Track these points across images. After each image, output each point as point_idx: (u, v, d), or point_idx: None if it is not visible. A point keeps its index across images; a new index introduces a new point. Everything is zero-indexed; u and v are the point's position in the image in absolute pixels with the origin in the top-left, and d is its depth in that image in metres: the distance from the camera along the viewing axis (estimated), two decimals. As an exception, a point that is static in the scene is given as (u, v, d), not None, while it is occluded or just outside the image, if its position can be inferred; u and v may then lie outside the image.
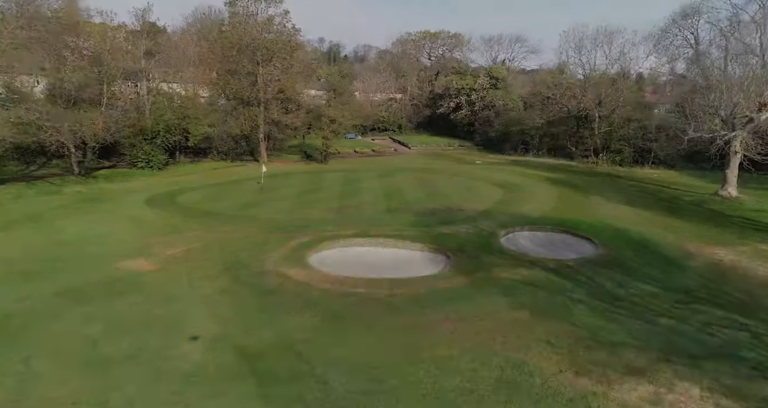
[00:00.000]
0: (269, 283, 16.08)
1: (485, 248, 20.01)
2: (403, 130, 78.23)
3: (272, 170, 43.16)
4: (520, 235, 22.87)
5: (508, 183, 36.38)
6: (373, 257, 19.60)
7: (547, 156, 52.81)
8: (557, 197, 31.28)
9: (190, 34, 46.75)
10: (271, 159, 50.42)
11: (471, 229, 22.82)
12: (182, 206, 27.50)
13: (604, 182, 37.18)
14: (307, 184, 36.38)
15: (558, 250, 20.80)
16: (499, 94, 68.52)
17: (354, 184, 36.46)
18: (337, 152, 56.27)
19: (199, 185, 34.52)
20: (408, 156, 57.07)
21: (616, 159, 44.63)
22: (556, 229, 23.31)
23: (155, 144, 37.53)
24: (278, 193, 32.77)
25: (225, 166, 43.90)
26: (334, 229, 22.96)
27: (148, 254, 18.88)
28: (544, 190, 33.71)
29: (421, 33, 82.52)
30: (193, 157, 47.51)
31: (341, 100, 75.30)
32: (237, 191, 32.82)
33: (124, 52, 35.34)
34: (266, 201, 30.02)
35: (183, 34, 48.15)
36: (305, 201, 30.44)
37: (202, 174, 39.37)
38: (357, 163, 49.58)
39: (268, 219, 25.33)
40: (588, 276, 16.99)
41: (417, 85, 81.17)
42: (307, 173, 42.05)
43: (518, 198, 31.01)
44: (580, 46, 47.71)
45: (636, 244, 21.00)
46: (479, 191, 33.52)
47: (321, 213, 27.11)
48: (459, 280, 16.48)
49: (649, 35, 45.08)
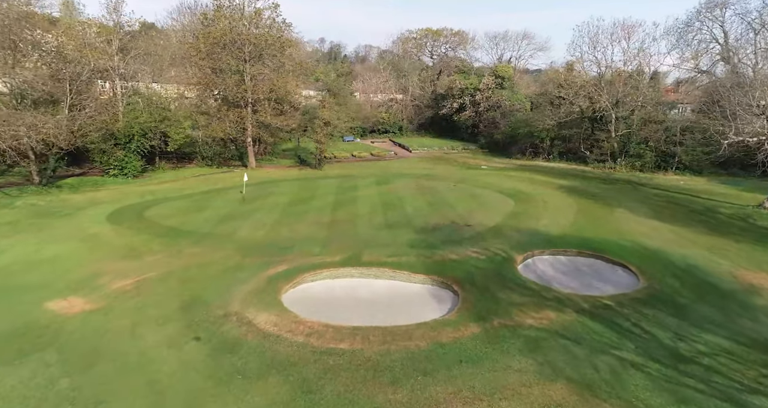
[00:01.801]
0: (229, 334, 12.62)
1: (500, 279, 16.52)
2: (404, 132, 74.82)
3: (261, 177, 39.82)
4: (540, 260, 19.36)
5: (519, 191, 32.88)
6: (364, 292, 16.14)
7: (558, 160, 49.26)
8: (576, 209, 27.74)
9: (174, 31, 43.33)
10: (261, 164, 47.07)
11: (481, 252, 19.34)
12: (150, 222, 24.08)
13: (626, 191, 33.60)
14: (297, 193, 32.94)
15: (588, 280, 17.31)
16: (505, 94, 65.07)
17: (349, 193, 33.03)
18: (333, 156, 52.90)
19: (177, 195, 31.12)
20: (409, 160, 53.61)
21: (636, 164, 41.03)
22: (582, 253, 19.77)
23: (129, 149, 34.15)
24: (263, 203, 29.36)
25: (210, 173, 40.52)
26: (321, 251, 19.54)
27: (91, 288, 15.48)
28: (559, 200, 30.18)
29: (423, 30, 79.12)
30: (177, 163, 44.19)
31: (338, 101, 72.21)
32: (217, 202, 29.40)
33: (91, 48, 31.96)
34: (248, 214, 26.61)
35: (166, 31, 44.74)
36: (293, 213, 27.02)
37: (182, 182, 35.97)
38: (354, 169, 46.15)
39: (246, 238, 21.92)
40: (633, 321, 13.48)
41: (418, 85, 77.74)
42: (298, 180, 38.64)
43: (532, 210, 27.50)
44: (595, 41, 44.25)
45: (680, 271, 17.46)
46: (487, 202, 30.04)
47: (309, 229, 23.70)
48: (470, 328, 12.98)
49: (671, 29, 41.47)
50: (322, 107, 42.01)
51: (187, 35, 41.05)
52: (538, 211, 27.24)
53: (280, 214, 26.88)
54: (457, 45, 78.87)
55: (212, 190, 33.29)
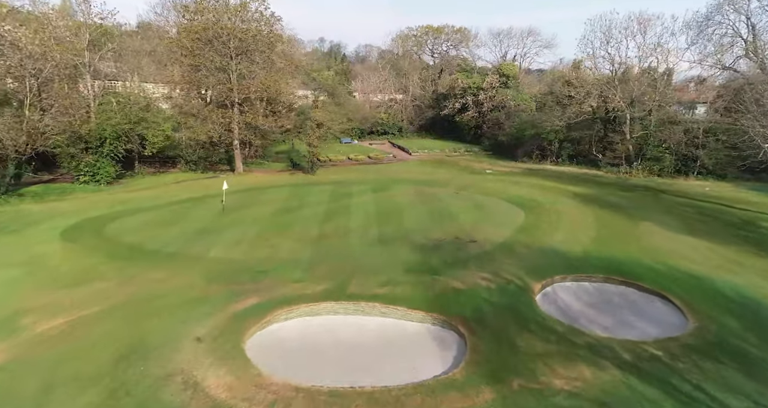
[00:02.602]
0: (166, 406, 9.60)
1: (516, 317, 13.50)
2: (404, 134, 71.78)
3: (248, 183, 36.82)
4: (561, 288, 16.31)
5: (528, 200, 29.84)
6: (348, 334, 13.12)
7: (567, 164, 46.18)
8: (594, 221, 24.69)
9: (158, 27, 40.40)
10: (251, 168, 44.07)
11: (491, 277, 16.32)
12: (110, 239, 21.09)
13: (647, 199, 30.54)
14: (285, 202, 29.95)
15: (623, 317, 14.27)
16: (510, 93, 62.06)
17: (342, 201, 30.03)
18: (328, 160, 49.91)
19: (151, 205, 28.13)
20: (408, 163, 50.58)
21: (654, 168, 37.90)
22: (609, 279, 16.73)
23: (101, 153, 31.16)
24: (245, 214, 26.38)
25: (193, 179, 37.52)
26: (302, 276, 16.56)
27: (7, 331, 12.49)
28: (575, 210, 27.13)
29: (423, 28, 76.13)
30: (159, 167, 41.25)
31: (336, 101, 69.22)
32: (194, 214, 26.42)
33: (58, 43, 28.96)
34: (226, 227, 23.63)
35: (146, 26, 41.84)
36: (277, 226, 24.04)
37: (160, 189, 32.99)
38: (350, 173, 43.14)
39: (218, 259, 18.94)
40: (695, 382, 10.44)
41: (419, 84, 74.73)
42: (289, 186, 35.61)
43: (545, 223, 24.47)
44: (608, 35, 41.14)
45: (735, 306, 14.41)
46: (494, 212, 27.02)
47: (292, 246, 20.71)
48: (482, 394, 9.96)
49: (690, 23, 38.43)
50: (314, 107, 38.95)
51: (170, 31, 38.00)
52: (552, 224, 24.21)
53: (263, 227, 23.89)
54: (459, 43, 75.86)
55: (191, 198, 30.29)
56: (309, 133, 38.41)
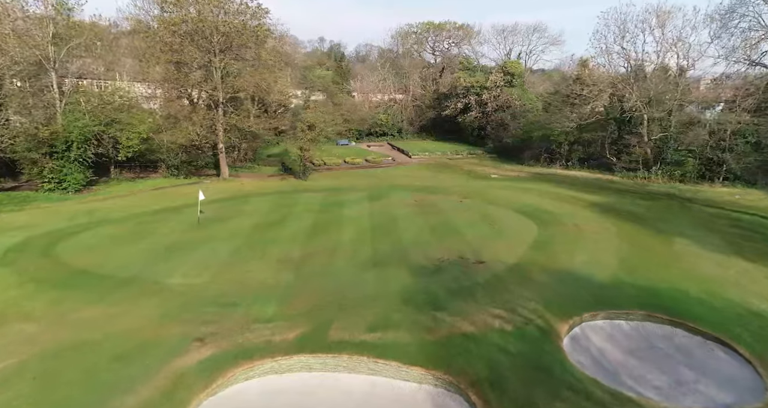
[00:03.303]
0: None
1: (542, 375, 10.50)
2: (404, 135, 68.78)
3: (233, 190, 33.87)
4: (592, 329, 13.28)
5: (541, 210, 26.83)
6: (326, 400, 10.09)
7: (578, 168, 43.14)
8: (619, 237, 21.66)
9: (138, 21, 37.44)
10: (238, 173, 41.14)
11: (506, 315, 13.32)
12: (56, 261, 18.13)
13: (673, 209, 27.47)
14: (269, 213, 26.99)
15: (679, 373, 11.23)
16: (515, 92, 59.03)
17: (333, 212, 27.07)
18: (322, 163, 46.93)
19: (119, 216, 25.18)
20: (408, 167, 47.61)
21: (675, 173, 34.78)
22: (651, 316, 13.69)
23: (68, 158, 28.19)
24: (223, 229, 23.43)
25: (173, 185, 34.55)
26: (274, 314, 13.63)
27: None
28: (594, 223, 24.09)
29: (424, 24, 73.08)
30: (140, 172, 38.35)
31: (334, 101, 66.17)
32: (164, 227, 23.46)
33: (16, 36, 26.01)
34: (197, 245, 20.69)
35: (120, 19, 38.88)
36: (255, 244, 21.09)
37: (134, 197, 30.03)
38: (345, 179, 40.19)
39: (181, 287, 16.00)
40: None
41: (419, 83, 71.68)
42: (276, 194, 32.63)
43: (562, 239, 21.45)
44: (624, 30, 38.04)
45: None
46: (503, 225, 24.00)
47: (269, 271, 17.75)
48: None
49: (713, 15, 35.29)
50: (306, 108, 35.97)
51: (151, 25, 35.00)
52: (570, 241, 21.18)
53: (240, 244, 20.93)
54: (461, 40, 72.72)
55: (166, 208, 27.33)
56: (299, 136, 35.41)
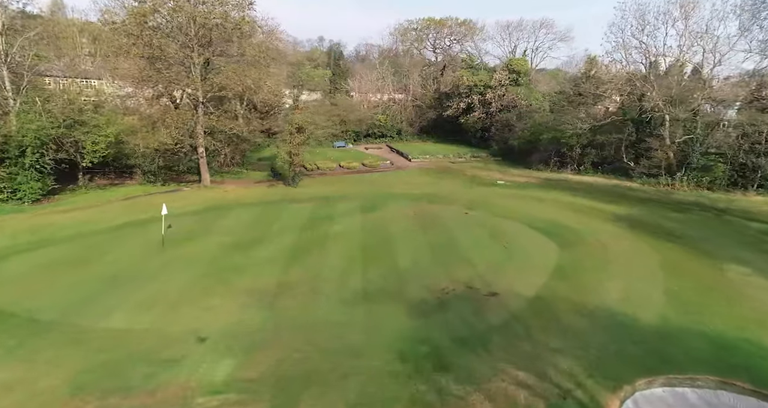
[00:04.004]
0: None
1: None
2: (403, 136, 65.38)
3: (213, 200, 30.47)
4: (650, 402, 9.91)
5: (557, 225, 23.51)
6: None
7: (592, 173, 39.75)
8: (657, 261, 18.31)
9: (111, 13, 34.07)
10: (223, 179, 37.78)
11: (534, 382, 10.05)
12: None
13: (710, 223, 24.09)
14: (247, 229, 23.65)
15: None
16: (521, 91, 55.62)
17: (321, 228, 23.70)
18: (316, 168, 43.60)
19: (69, 235, 21.75)
20: (407, 172, 44.22)
21: (703, 180, 31.36)
22: (727, 383, 10.33)
23: (22, 165, 24.90)
24: (189, 250, 20.12)
25: (148, 194, 31.19)
26: (226, 378, 10.40)
27: None
28: (624, 242, 20.74)
29: (424, 20, 69.64)
30: (114, 179, 35.04)
31: (331, 101, 62.81)
32: (120, 248, 20.13)
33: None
34: (155, 273, 17.40)
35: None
36: (224, 270, 17.82)
37: (99, 209, 26.70)
38: (338, 185, 36.83)
39: (113, 334, 12.77)
40: None
41: (420, 82, 68.24)
42: (261, 205, 29.26)
43: (588, 263, 18.14)
44: (643, 22, 34.62)
45: None
46: (517, 245, 20.67)
47: (233, 309, 14.53)
48: None
49: (742, 5, 31.93)
50: (294, 108, 32.64)
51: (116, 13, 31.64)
52: (599, 266, 17.87)
53: (204, 272, 17.61)
54: (464, 36, 69.24)
55: (130, 223, 23.99)
56: (287, 139, 32.06)
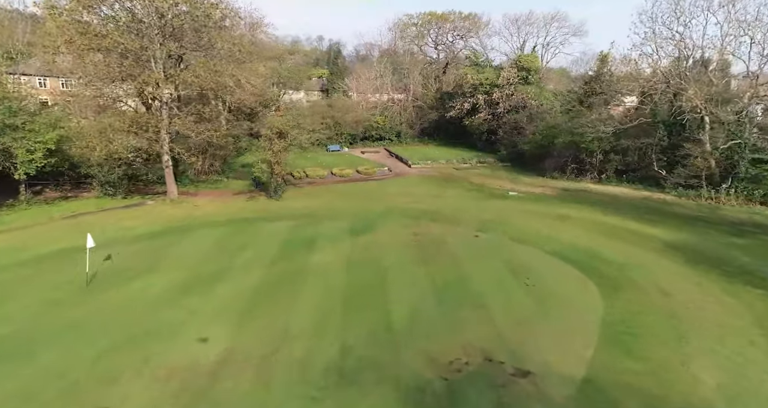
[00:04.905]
0: None
1: None
2: (403, 139, 60.80)
3: (175, 218, 25.73)
4: None
5: (592, 255, 18.87)
6: None
7: (615, 182, 35.08)
8: (754, 324, 13.54)
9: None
10: (198, 190, 33.19)
11: None
12: None
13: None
14: (205, 261, 18.97)
15: None
16: (531, 90, 50.97)
17: (297, 259, 19.01)
18: (304, 176, 39.03)
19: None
20: (407, 180, 39.58)
21: (755, 194, 26.68)
22: None
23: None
24: (121, 294, 15.51)
25: (103, 209, 26.62)
26: None
27: None
28: (691, 287, 15.99)
29: (425, 15, 65.05)
30: (69, 191, 30.52)
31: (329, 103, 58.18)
32: (29, 292, 15.48)
33: None
34: (49, 339, 12.78)
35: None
36: (152, 331, 13.15)
37: (35, 230, 22.09)
38: (327, 197, 32.21)
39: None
40: None
41: (420, 81, 63.61)
42: (232, 225, 24.60)
43: (651, 325, 13.48)
44: (679, 10, 29.92)
45: None
46: (544, 286, 16.01)
47: (143, 403, 9.82)
48: None
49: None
50: (275, 110, 27.98)
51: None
52: (670, 330, 13.18)
53: (122, 336, 12.89)
54: (468, 32, 64.59)
55: (62, 251, 19.33)
56: (264, 147, 27.40)
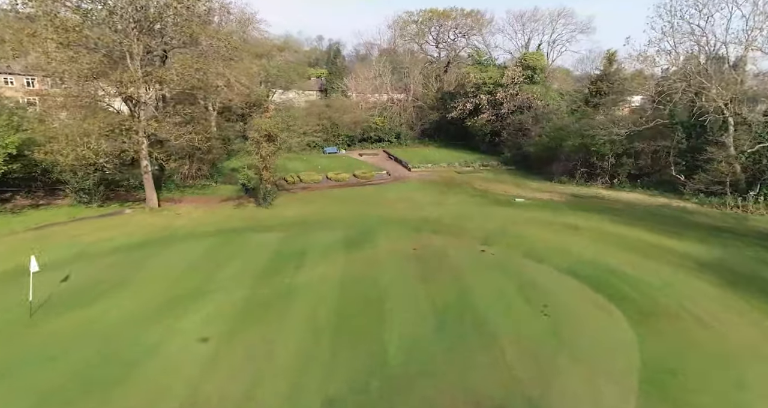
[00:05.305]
0: None
1: None
2: (403, 141, 58.60)
3: (153, 228, 23.55)
4: None
5: (613, 274, 16.72)
6: None
7: (629, 187, 32.86)
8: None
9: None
10: (183, 196, 30.98)
11: None
12: None
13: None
14: (181, 280, 16.81)
15: None
16: (537, 90, 48.78)
17: (284, 278, 16.87)
18: (297, 180, 36.82)
19: None
20: (406, 185, 37.39)
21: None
22: None
23: None
24: (71, 323, 13.37)
25: (74, 219, 24.47)
26: None
27: None
28: (733, 317, 13.84)
29: (426, 12, 62.85)
30: (42, 198, 28.36)
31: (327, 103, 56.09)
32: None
33: None
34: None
35: None
36: (98, 374, 10.99)
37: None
38: (321, 204, 30.04)
39: None
40: None
41: (421, 81, 61.45)
42: (216, 236, 22.41)
43: (696, 365, 11.28)
44: (701, 3, 27.75)
45: None
46: (563, 314, 13.83)
47: None
48: None
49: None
50: (264, 111, 25.82)
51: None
52: (718, 372, 10.96)
53: (63, 382, 10.71)
54: (470, 29, 62.40)
55: (15, 270, 17.10)
56: (252, 151, 25.22)
